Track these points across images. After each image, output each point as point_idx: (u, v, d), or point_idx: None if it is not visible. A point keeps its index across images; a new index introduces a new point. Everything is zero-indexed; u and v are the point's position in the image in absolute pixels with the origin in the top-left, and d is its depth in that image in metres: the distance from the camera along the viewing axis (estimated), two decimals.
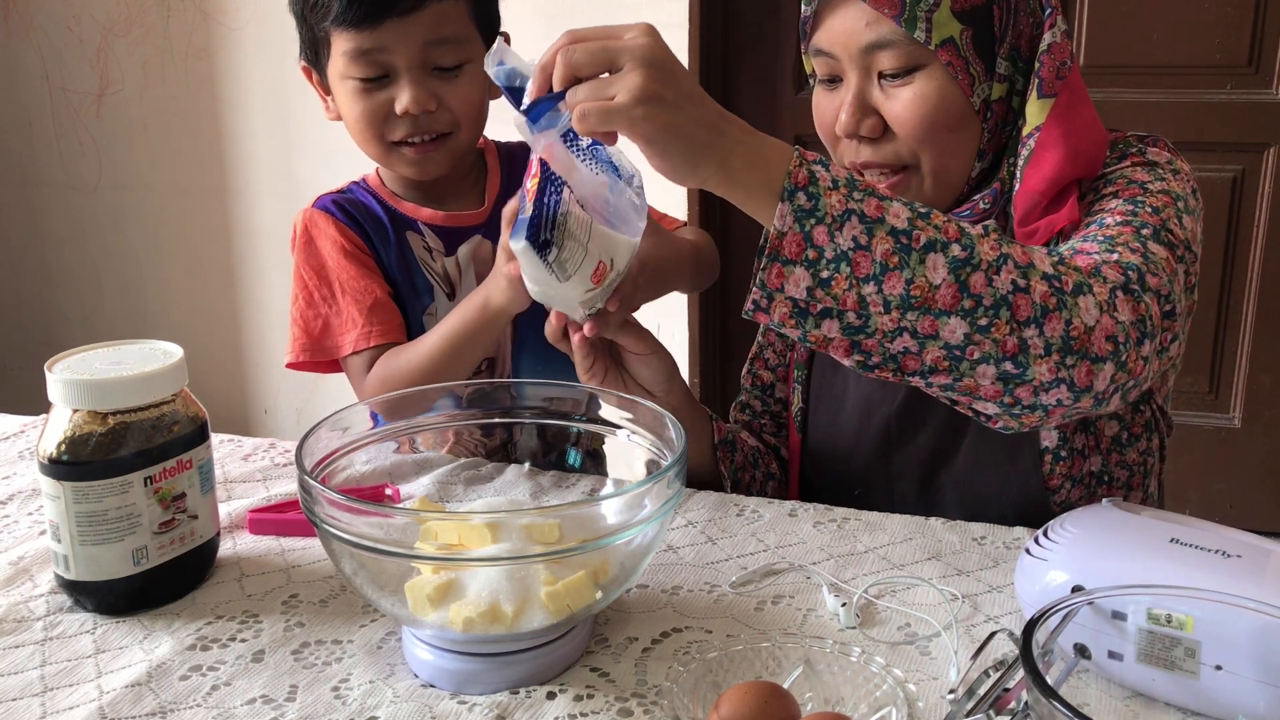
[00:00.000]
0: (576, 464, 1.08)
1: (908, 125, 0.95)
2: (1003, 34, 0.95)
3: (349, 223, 1.16)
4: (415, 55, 1.07)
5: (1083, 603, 0.67)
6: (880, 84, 0.96)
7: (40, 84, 2.89)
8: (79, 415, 0.81)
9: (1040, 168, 0.94)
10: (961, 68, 0.94)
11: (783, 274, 0.75)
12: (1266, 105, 2.23)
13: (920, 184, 0.99)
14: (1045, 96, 0.94)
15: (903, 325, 0.75)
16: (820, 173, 0.75)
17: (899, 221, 0.75)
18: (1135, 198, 0.92)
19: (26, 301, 3.09)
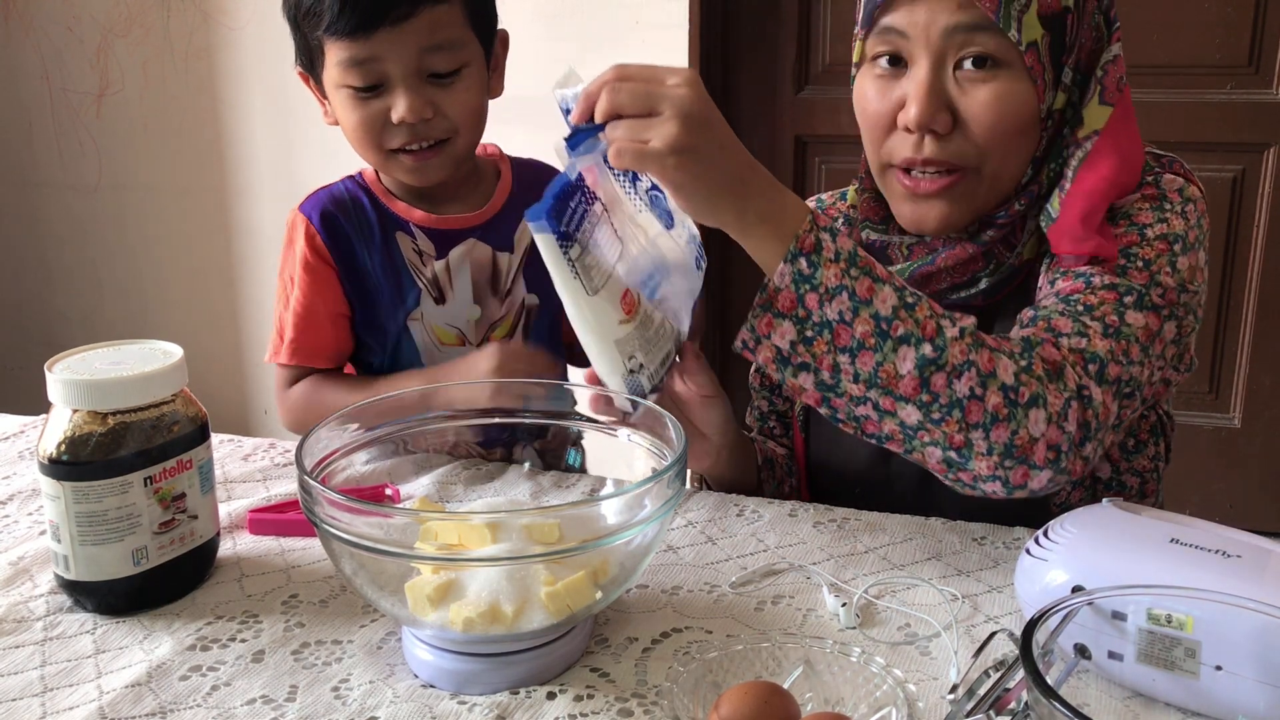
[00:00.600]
0: (577, 464, 1.08)
1: (985, 123, 0.92)
2: (1072, 44, 0.93)
3: (326, 231, 1.15)
4: (410, 63, 1.06)
5: (1083, 603, 0.67)
6: (955, 75, 0.92)
7: (40, 84, 2.89)
8: (79, 415, 0.81)
9: (1096, 169, 0.93)
10: (1039, 73, 0.92)
11: (772, 324, 0.81)
12: (1266, 105, 2.23)
13: (975, 187, 0.96)
14: (1105, 104, 0.94)
15: (867, 397, 0.82)
16: (826, 242, 0.80)
17: (884, 308, 0.80)
18: (1130, 249, 0.93)
19: (26, 301, 3.09)
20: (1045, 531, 0.79)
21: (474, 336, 1.18)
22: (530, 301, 1.22)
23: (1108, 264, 0.92)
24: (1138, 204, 0.96)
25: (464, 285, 1.17)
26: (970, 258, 0.99)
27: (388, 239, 1.16)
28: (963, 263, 0.99)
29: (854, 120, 1.02)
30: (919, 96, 0.92)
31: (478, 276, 1.18)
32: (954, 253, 0.99)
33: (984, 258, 1.00)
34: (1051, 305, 0.91)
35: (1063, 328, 0.88)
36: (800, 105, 2.51)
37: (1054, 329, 0.89)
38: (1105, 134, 0.94)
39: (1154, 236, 0.93)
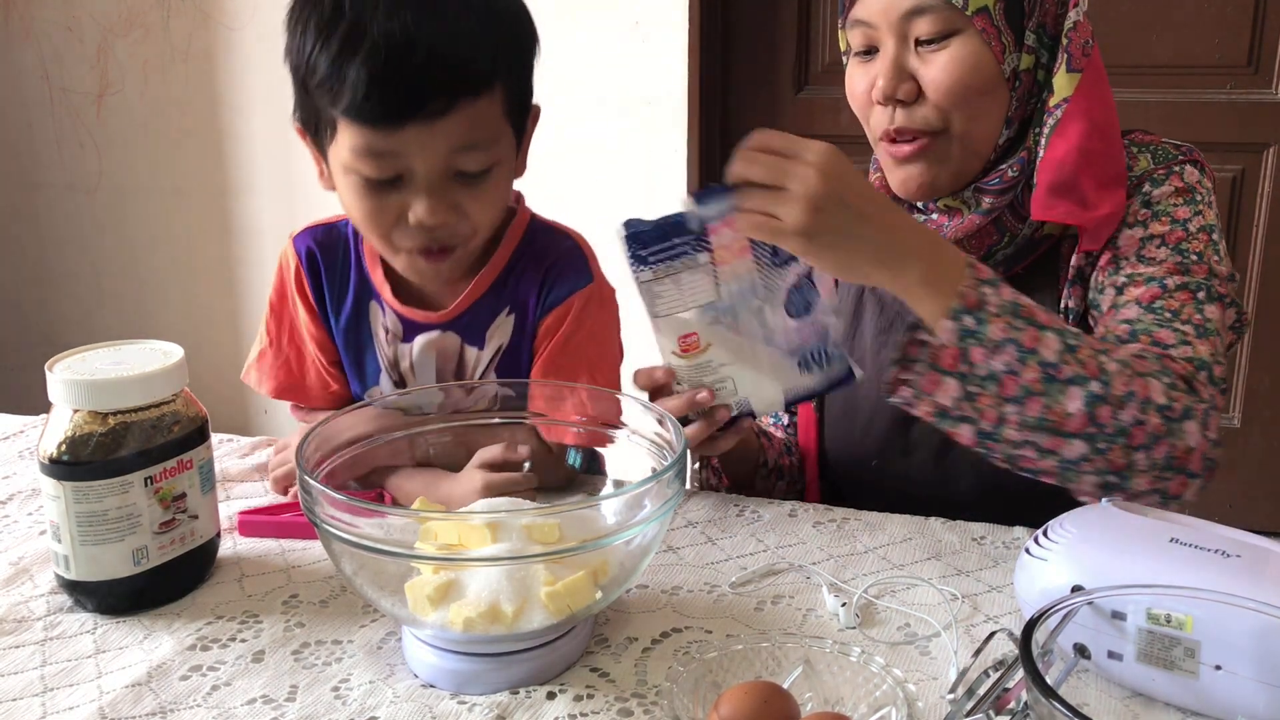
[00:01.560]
0: (577, 464, 1.08)
1: (942, 87, 0.99)
2: (1031, 9, 1.00)
3: (311, 276, 1.08)
4: (437, 163, 0.91)
5: (1082, 603, 0.67)
6: (917, 50, 1.00)
7: (40, 84, 2.89)
8: (79, 415, 0.81)
9: (1066, 137, 0.99)
10: (994, 35, 0.98)
11: (937, 381, 0.84)
12: (1266, 105, 2.23)
13: (949, 148, 1.01)
14: (1073, 71, 1.00)
15: (1030, 440, 0.85)
16: (990, 296, 0.83)
17: (1050, 354, 0.83)
18: (1181, 245, 0.99)
19: (26, 301, 3.09)
20: (1045, 531, 0.79)
21: None
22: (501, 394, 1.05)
23: (1169, 262, 0.97)
24: (1171, 199, 1.01)
25: (426, 373, 1.07)
26: (980, 229, 1.03)
27: (359, 307, 1.06)
28: (973, 235, 1.04)
29: (854, 120, 1.08)
30: (884, 72, 1.00)
31: (442, 365, 1.07)
32: (962, 225, 1.03)
33: (996, 229, 1.04)
34: (1140, 316, 0.96)
35: (1167, 339, 0.94)
36: (800, 105, 2.51)
37: (1160, 342, 0.94)
38: (1073, 100, 0.99)
39: (1196, 230, 0.99)
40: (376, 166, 0.92)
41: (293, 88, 0.97)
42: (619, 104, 2.44)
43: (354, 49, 0.88)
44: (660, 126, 2.43)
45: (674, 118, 2.42)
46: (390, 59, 0.87)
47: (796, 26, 2.47)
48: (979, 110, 1.00)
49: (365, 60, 0.87)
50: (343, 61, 0.88)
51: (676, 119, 2.42)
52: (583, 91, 2.44)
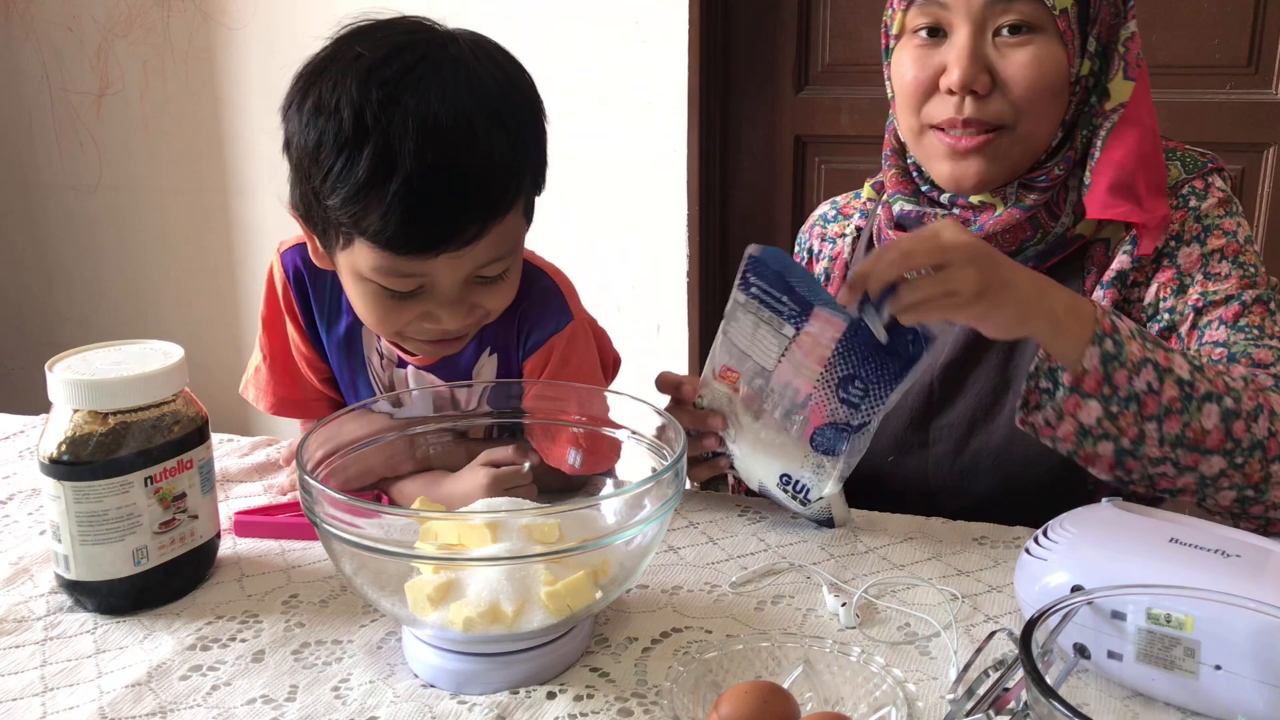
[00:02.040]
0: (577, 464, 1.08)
1: (1021, 84, 0.98)
2: (1096, 15, 1.00)
3: (300, 295, 1.04)
4: (463, 278, 0.89)
5: (1082, 603, 0.67)
6: (994, 41, 0.99)
7: (40, 84, 2.89)
8: (79, 415, 0.81)
9: (1124, 140, 1.00)
10: (1070, 38, 0.99)
11: (1079, 404, 0.87)
12: (1266, 105, 2.23)
13: (1010, 146, 1.01)
14: (1129, 78, 1.01)
15: (1168, 457, 0.88)
16: (1120, 322, 0.87)
17: (1183, 373, 0.87)
18: (1239, 257, 1.01)
19: (26, 301, 3.09)
20: (1045, 531, 0.79)
21: None
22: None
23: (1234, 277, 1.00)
24: (1216, 211, 1.03)
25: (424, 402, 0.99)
26: (1018, 224, 1.04)
27: (352, 332, 1.04)
28: (1010, 229, 1.04)
29: (853, 120, 1.08)
30: (961, 60, 0.98)
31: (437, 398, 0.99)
32: (1001, 219, 1.04)
33: (1030, 225, 1.04)
34: (1230, 337, 0.98)
35: (1265, 359, 0.96)
36: (800, 105, 2.51)
37: (1259, 362, 0.96)
38: (1130, 106, 1.01)
39: (1243, 240, 1.02)
40: (400, 284, 0.89)
41: (291, 174, 0.92)
42: (619, 104, 2.44)
43: (385, 177, 0.82)
44: (660, 126, 2.43)
45: (674, 118, 2.42)
46: (425, 192, 0.82)
47: (796, 26, 2.46)
48: (1045, 110, 1.00)
49: (399, 192, 0.81)
50: (371, 188, 0.82)
51: (676, 119, 2.42)
52: (583, 91, 2.44)
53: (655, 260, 2.47)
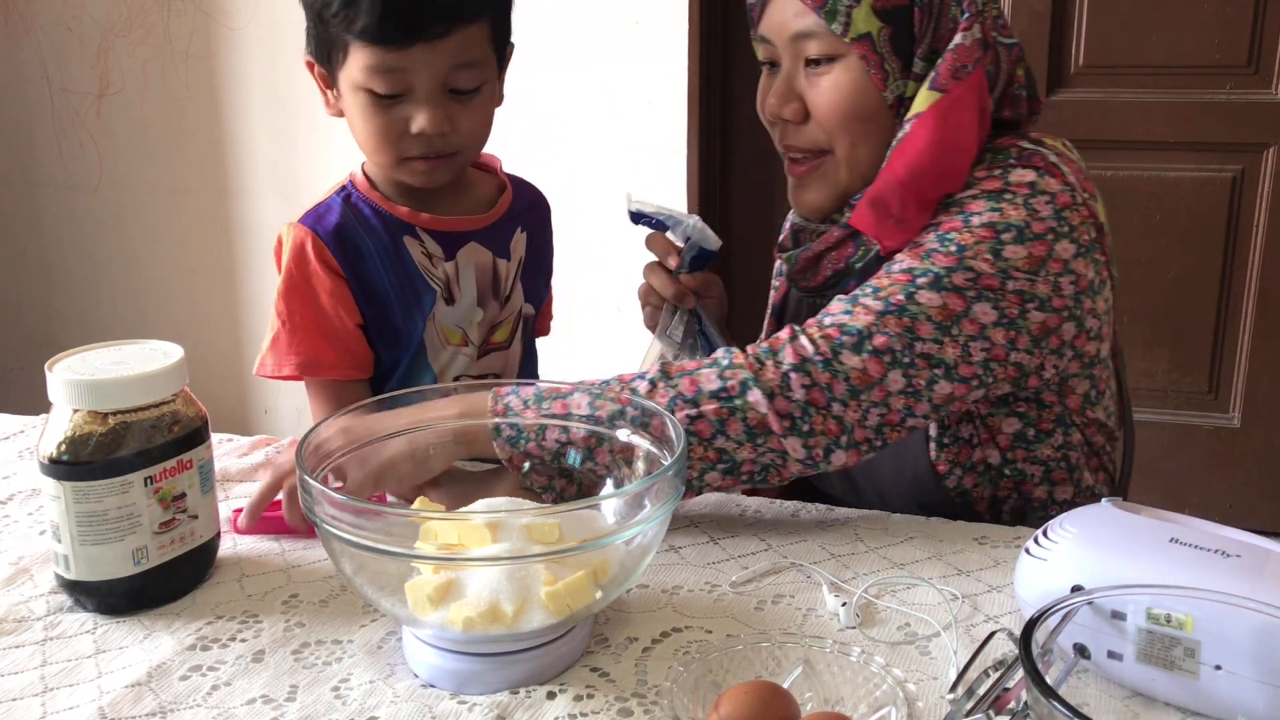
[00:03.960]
0: (577, 464, 1.08)
1: (822, 110, 1.02)
2: (922, 35, 1.00)
3: (334, 241, 1.13)
4: (437, 78, 1.05)
5: (1082, 603, 0.67)
6: (804, 71, 1.03)
7: (40, 84, 2.89)
8: (79, 415, 0.81)
9: (905, 152, 0.99)
10: (876, 63, 1.00)
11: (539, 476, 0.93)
12: (1266, 105, 2.23)
13: (836, 169, 1.05)
14: (934, 90, 0.99)
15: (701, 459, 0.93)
16: (514, 401, 0.92)
17: (585, 409, 0.90)
18: (947, 234, 0.96)
19: (26, 301, 3.09)
20: (1045, 531, 0.79)
21: (476, 337, 1.19)
22: (527, 310, 1.25)
23: (920, 249, 0.97)
24: (973, 195, 0.98)
25: (469, 287, 1.18)
26: (839, 241, 1.05)
27: (396, 244, 1.15)
28: (833, 246, 1.06)
29: None
30: (776, 90, 1.05)
31: (480, 279, 1.19)
32: (824, 237, 1.07)
33: (854, 242, 1.05)
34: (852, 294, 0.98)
35: (832, 310, 0.97)
36: None
37: (827, 312, 0.97)
38: (923, 118, 0.98)
39: (978, 224, 0.96)
40: (385, 82, 1.05)
41: (307, 24, 1.10)
42: (619, 104, 2.44)
43: None
44: (660, 126, 2.43)
45: (674, 118, 2.42)
46: None
47: None
48: (861, 134, 1.02)
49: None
50: None
51: (676, 119, 2.42)
52: (583, 91, 2.44)
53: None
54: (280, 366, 1.13)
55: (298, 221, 1.15)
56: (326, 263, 1.12)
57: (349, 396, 1.13)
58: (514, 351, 1.24)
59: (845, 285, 1.05)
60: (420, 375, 1.17)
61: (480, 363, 1.20)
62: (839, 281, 1.06)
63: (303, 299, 1.13)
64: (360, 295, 1.14)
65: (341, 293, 1.13)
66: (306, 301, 1.13)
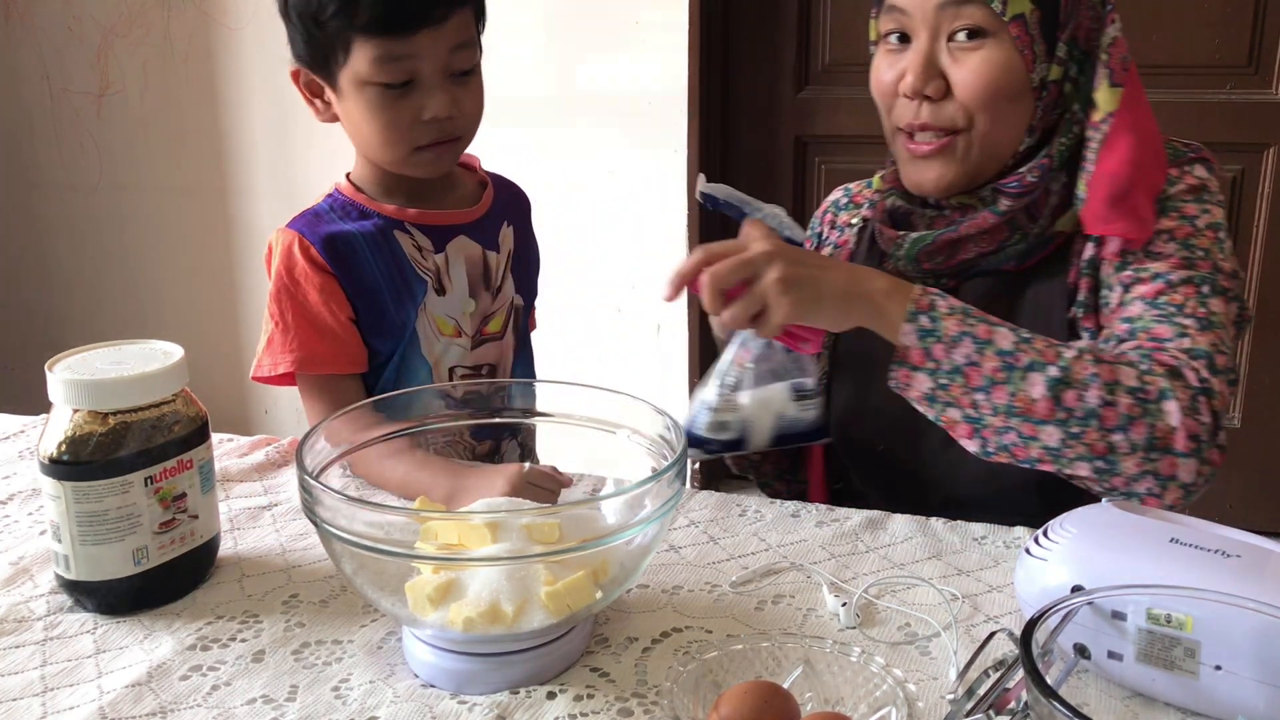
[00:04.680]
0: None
1: (970, 88, 1.00)
2: (1066, 20, 1.00)
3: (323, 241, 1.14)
4: (441, 62, 1.08)
5: (1082, 603, 0.67)
6: (948, 47, 1.01)
7: (40, 84, 2.89)
8: (79, 415, 0.81)
9: (1115, 151, 1.00)
10: (1027, 44, 0.99)
11: (910, 377, 0.93)
12: (1266, 105, 2.23)
13: (969, 148, 1.03)
14: (1116, 85, 1.01)
15: (1009, 426, 0.91)
16: (939, 301, 0.92)
17: (1005, 344, 0.91)
18: (1189, 240, 1.00)
19: (26, 301, 3.09)
20: (1045, 531, 0.79)
21: (469, 328, 1.21)
22: (517, 302, 1.26)
23: (1175, 258, 0.99)
24: (1184, 196, 1.02)
25: (460, 278, 1.20)
26: (993, 227, 1.05)
27: (387, 237, 1.17)
28: (985, 231, 1.05)
29: (854, 120, 1.12)
30: (915, 66, 1.02)
31: (471, 271, 1.21)
32: (975, 222, 1.05)
33: (1008, 228, 1.05)
34: (1143, 313, 0.98)
35: (1164, 334, 0.96)
36: (800, 105, 2.51)
37: (1156, 337, 0.96)
38: (1119, 115, 1.00)
39: (1204, 226, 1.00)
40: (393, 72, 1.07)
41: (295, 32, 1.11)
42: (619, 104, 2.44)
43: None
44: (660, 126, 2.43)
45: (674, 118, 2.42)
46: None
47: (796, 26, 2.47)
48: (1003, 115, 1.01)
49: None
50: None
51: (676, 119, 2.42)
52: (583, 91, 2.44)
53: (655, 260, 2.47)
54: (276, 365, 1.14)
55: (286, 226, 1.16)
56: (314, 261, 1.14)
57: (345, 392, 1.15)
58: (507, 342, 1.25)
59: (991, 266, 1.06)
60: (414, 366, 1.18)
61: (474, 353, 1.22)
62: (974, 265, 1.07)
63: (294, 298, 1.14)
64: (351, 289, 1.15)
65: (332, 288, 1.14)
66: (298, 300, 1.14)
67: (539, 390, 0.96)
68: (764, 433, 1.08)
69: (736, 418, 1.06)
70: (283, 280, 1.14)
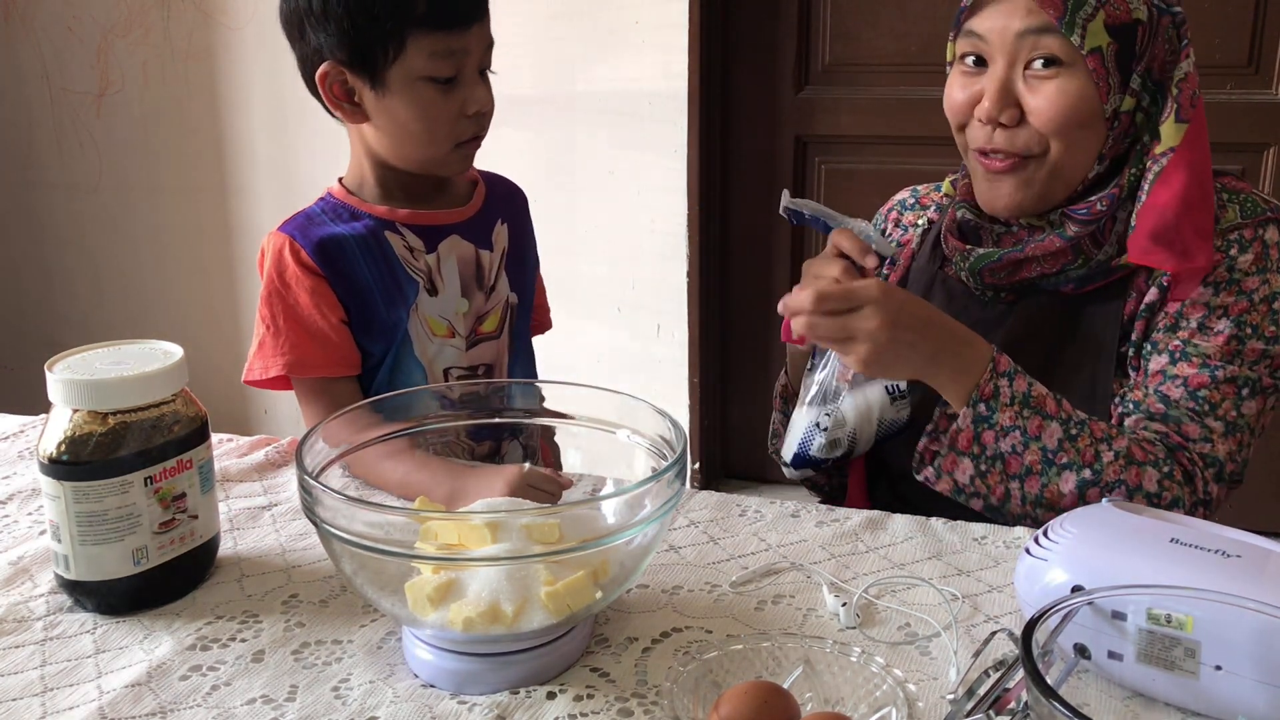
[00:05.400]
0: None
1: (1045, 115, 1.02)
2: (1142, 53, 1.02)
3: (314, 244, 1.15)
4: (479, 58, 1.13)
5: (1083, 603, 0.67)
6: (1025, 75, 1.03)
7: (40, 84, 2.89)
8: (79, 415, 0.81)
9: (1170, 185, 1.01)
10: (1103, 76, 1.01)
11: (955, 462, 0.99)
12: (1266, 105, 2.23)
13: (1038, 172, 1.05)
14: (1181, 121, 1.02)
15: (1030, 514, 0.99)
16: (1004, 389, 0.98)
17: (1051, 442, 0.97)
18: (1241, 317, 1.02)
19: (26, 301, 3.09)
20: (1045, 531, 0.79)
21: (463, 328, 1.21)
22: (513, 300, 1.26)
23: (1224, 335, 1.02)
24: (1249, 269, 1.03)
25: (452, 278, 1.20)
26: (1058, 250, 1.06)
27: (378, 238, 1.17)
28: (1050, 254, 1.07)
29: (854, 120, 1.14)
30: (991, 93, 1.04)
31: (463, 271, 1.21)
32: (1042, 244, 1.07)
33: (1072, 251, 1.06)
34: (1180, 399, 1.02)
35: (1192, 434, 1.01)
36: (800, 105, 2.51)
37: (1185, 435, 1.01)
38: (1180, 151, 1.02)
39: (1259, 300, 1.03)
40: (448, 66, 1.10)
41: (332, 31, 1.09)
42: (619, 104, 2.44)
43: None
44: (660, 126, 2.43)
45: (674, 118, 2.42)
46: None
47: (796, 26, 2.47)
48: (1076, 142, 1.03)
49: None
50: None
51: (676, 119, 2.42)
52: (583, 91, 2.44)
53: (655, 260, 2.47)
54: (268, 369, 1.14)
55: (277, 230, 1.17)
56: (305, 264, 1.14)
57: (340, 394, 1.15)
58: (503, 342, 1.25)
59: (1049, 286, 1.08)
60: (407, 368, 1.19)
61: (470, 353, 1.22)
62: (1034, 284, 1.09)
63: (284, 301, 1.14)
64: (343, 291, 1.15)
65: (323, 290, 1.14)
66: (288, 304, 1.14)
67: (539, 390, 0.96)
68: (868, 440, 1.11)
69: (845, 433, 1.09)
70: (273, 284, 1.15)
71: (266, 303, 1.15)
